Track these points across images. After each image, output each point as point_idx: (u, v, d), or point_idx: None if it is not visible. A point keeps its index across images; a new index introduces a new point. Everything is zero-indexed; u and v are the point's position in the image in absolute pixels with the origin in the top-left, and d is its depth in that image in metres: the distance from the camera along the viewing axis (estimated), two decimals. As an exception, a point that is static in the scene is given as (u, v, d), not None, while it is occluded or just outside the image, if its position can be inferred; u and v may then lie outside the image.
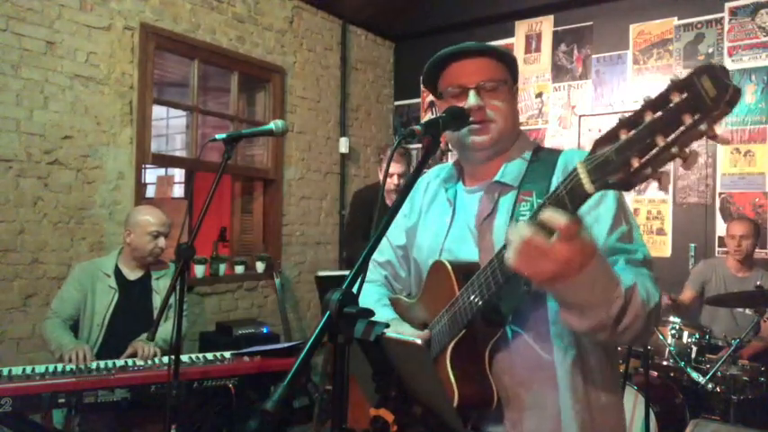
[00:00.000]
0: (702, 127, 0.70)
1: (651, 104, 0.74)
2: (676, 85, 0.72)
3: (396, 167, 3.54)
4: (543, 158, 1.26)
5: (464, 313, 1.12)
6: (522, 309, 1.16)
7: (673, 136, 0.72)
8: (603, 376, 1.19)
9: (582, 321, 0.98)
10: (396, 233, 1.47)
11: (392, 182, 3.50)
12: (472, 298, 1.10)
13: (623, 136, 0.77)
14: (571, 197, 0.85)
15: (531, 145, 1.32)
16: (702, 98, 0.69)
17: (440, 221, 1.35)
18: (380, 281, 1.50)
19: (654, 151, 0.73)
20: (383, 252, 1.50)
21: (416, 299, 1.35)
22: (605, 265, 0.96)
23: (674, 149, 0.72)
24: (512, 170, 1.26)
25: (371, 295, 1.43)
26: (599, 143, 0.80)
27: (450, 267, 1.20)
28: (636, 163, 0.75)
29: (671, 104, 0.72)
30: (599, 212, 1.15)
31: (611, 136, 0.79)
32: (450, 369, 1.12)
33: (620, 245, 1.13)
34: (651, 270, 1.12)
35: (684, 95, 0.71)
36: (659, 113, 0.73)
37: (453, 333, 1.15)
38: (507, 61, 1.28)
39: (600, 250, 0.94)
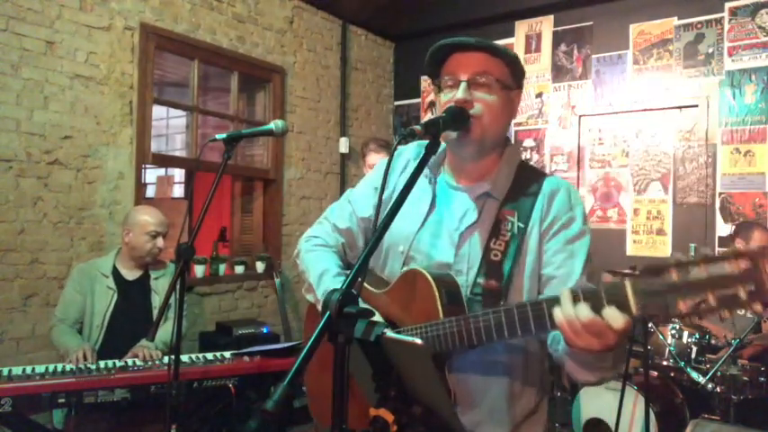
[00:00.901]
0: (756, 306, 0.79)
1: (708, 259, 0.83)
2: (737, 255, 0.81)
3: (376, 159, 3.41)
4: (528, 178, 1.32)
5: (449, 340, 1.13)
6: None
7: (725, 302, 0.81)
8: (541, 378, 1.32)
9: (589, 376, 1.15)
10: (362, 205, 1.46)
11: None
12: (466, 335, 1.11)
13: (674, 276, 0.85)
14: (611, 304, 0.95)
15: (518, 157, 1.37)
16: (762, 281, 0.78)
17: (416, 209, 1.33)
18: (337, 247, 1.48)
19: (703, 306, 0.83)
20: (345, 219, 1.48)
21: (383, 292, 1.32)
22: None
23: (723, 312, 0.82)
24: (500, 183, 1.30)
25: (332, 263, 1.42)
26: (649, 271, 0.89)
27: (433, 284, 1.18)
28: (683, 308, 0.84)
29: (728, 270, 0.81)
30: (574, 248, 1.26)
31: (662, 269, 0.88)
32: None
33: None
34: None
35: (744, 268, 0.80)
36: (716, 274, 0.82)
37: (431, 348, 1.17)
38: (508, 62, 1.28)
39: None
